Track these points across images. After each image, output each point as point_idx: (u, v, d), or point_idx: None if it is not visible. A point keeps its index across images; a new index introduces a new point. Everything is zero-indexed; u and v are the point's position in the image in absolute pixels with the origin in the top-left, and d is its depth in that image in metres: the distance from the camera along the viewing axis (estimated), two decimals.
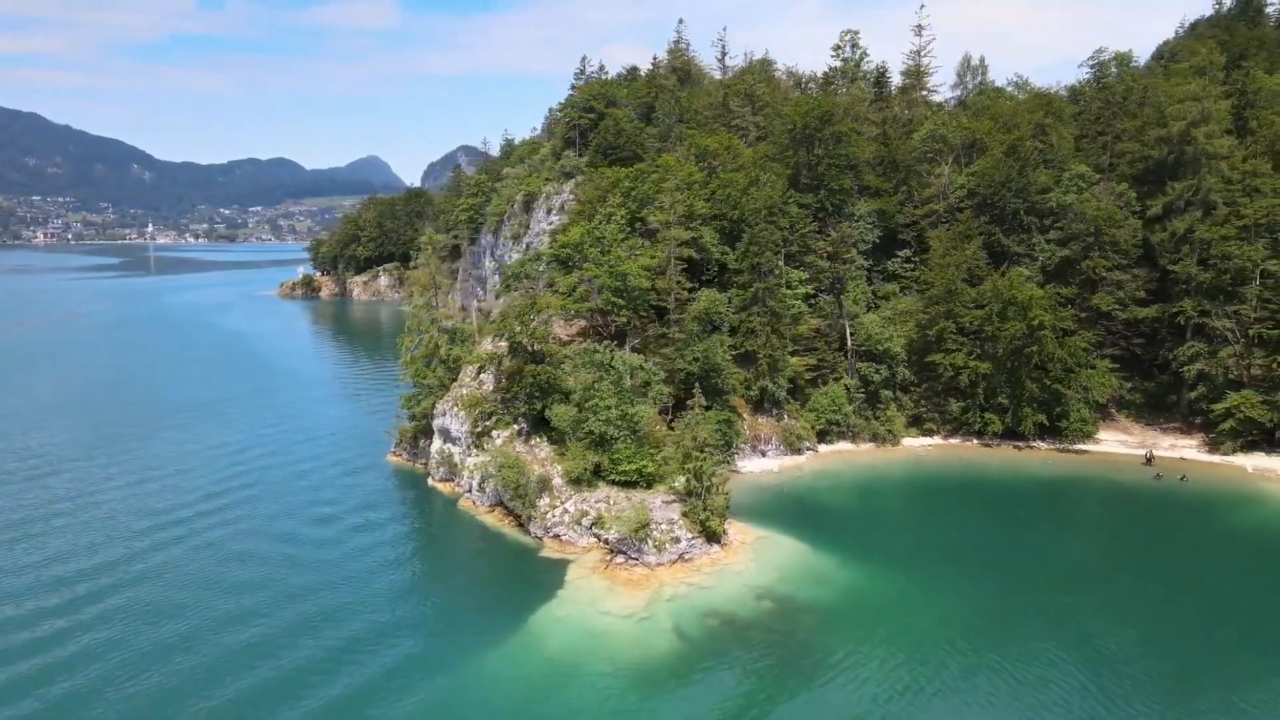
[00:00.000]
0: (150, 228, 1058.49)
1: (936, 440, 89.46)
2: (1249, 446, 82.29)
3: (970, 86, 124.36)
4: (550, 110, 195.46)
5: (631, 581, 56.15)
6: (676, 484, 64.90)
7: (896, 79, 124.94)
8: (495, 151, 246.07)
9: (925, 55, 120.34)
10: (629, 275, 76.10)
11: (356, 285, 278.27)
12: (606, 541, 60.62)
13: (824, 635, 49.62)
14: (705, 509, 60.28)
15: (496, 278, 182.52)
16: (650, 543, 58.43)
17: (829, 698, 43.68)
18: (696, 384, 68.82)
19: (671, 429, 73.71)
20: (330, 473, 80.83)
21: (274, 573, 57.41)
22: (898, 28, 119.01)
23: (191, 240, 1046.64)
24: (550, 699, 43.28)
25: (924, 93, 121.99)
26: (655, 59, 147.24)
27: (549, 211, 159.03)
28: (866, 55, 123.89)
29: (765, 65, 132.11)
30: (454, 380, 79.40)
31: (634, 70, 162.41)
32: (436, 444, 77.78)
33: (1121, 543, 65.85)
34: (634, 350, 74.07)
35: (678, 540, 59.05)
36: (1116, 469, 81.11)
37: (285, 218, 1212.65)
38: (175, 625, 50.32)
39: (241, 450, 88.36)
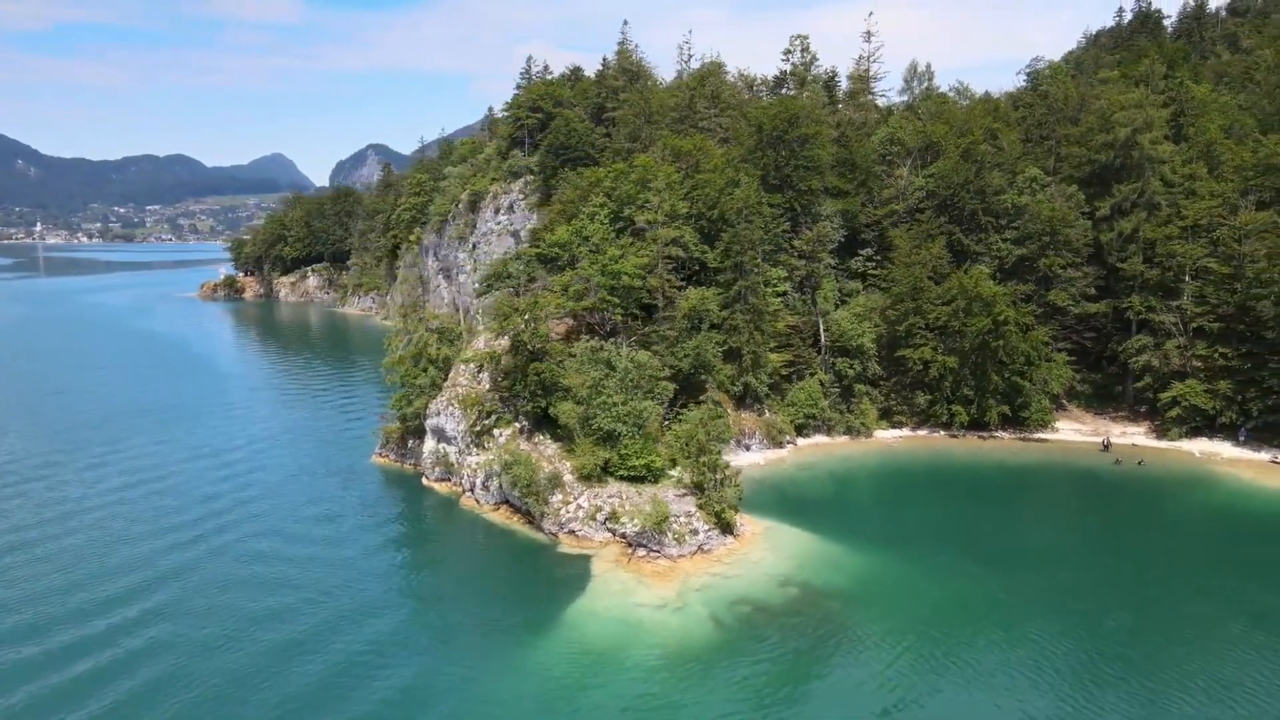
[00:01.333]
0: (39, 227, 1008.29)
1: (906, 432, 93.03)
2: (1193, 433, 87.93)
3: (917, 91, 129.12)
4: (490, 109, 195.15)
5: (657, 573, 57.41)
6: (684, 477, 66.47)
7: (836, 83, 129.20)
8: (430, 149, 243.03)
9: (874, 60, 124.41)
10: (623, 274, 77.26)
11: (283, 286, 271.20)
12: (624, 536, 61.73)
13: (854, 619, 51.63)
14: (719, 501, 62.02)
15: (440, 277, 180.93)
16: (670, 535, 59.77)
17: (886, 678, 45.40)
18: (708, 379, 70.32)
19: (665, 425, 75.27)
20: (323, 482, 78.32)
21: (300, 597, 54.73)
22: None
23: (85, 240, 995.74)
24: (607, 691, 44.10)
25: (871, 96, 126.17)
26: (605, 60, 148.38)
27: (497, 211, 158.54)
28: (816, 60, 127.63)
29: (718, 68, 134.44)
30: (445, 380, 79.17)
31: (578, 70, 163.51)
32: (430, 444, 77.36)
33: (1095, 523, 69.91)
34: (630, 347, 75.19)
35: (696, 532, 60.56)
36: (1077, 455, 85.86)
37: (186, 217, 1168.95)
38: (224, 659, 47.27)
39: (222, 459, 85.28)
